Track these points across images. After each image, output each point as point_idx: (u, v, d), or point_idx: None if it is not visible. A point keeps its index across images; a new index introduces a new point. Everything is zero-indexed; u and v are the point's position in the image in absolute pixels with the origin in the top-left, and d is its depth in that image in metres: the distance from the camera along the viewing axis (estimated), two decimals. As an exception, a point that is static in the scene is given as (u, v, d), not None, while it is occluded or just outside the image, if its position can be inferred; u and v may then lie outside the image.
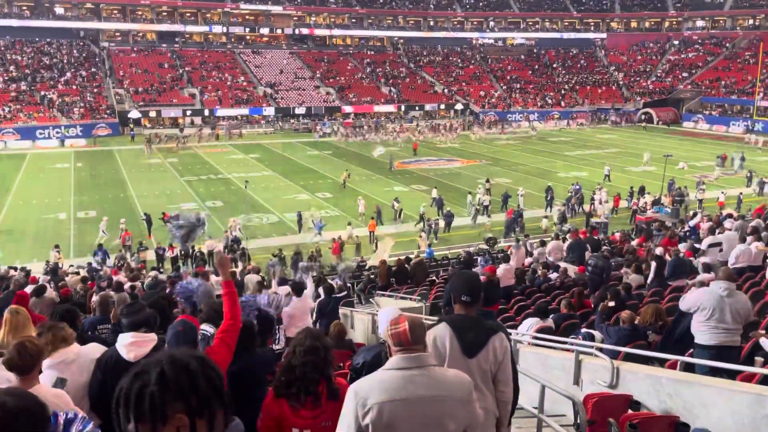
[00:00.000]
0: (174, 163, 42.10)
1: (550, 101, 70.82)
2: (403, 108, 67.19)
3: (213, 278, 14.84)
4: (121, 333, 3.94)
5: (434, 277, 16.36)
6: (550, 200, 29.87)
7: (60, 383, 3.72)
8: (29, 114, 51.85)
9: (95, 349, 4.10)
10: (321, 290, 10.72)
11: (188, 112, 59.37)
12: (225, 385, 1.67)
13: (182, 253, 22.71)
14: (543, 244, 17.91)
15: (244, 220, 27.38)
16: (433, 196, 29.79)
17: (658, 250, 12.84)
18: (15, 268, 18.23)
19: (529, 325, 7.85)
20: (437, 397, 2.49)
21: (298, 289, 9.25)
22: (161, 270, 20.11)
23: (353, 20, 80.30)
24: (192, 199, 31.90)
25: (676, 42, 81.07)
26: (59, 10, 67.68)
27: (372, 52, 78.84)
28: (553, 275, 13.48)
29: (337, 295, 11.60)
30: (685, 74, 73.13)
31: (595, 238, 16.34)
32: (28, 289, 10.02)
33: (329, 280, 13.65)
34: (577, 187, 30.85)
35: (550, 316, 8.35)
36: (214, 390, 1.61)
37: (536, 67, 79.80)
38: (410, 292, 14.25)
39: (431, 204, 28.88)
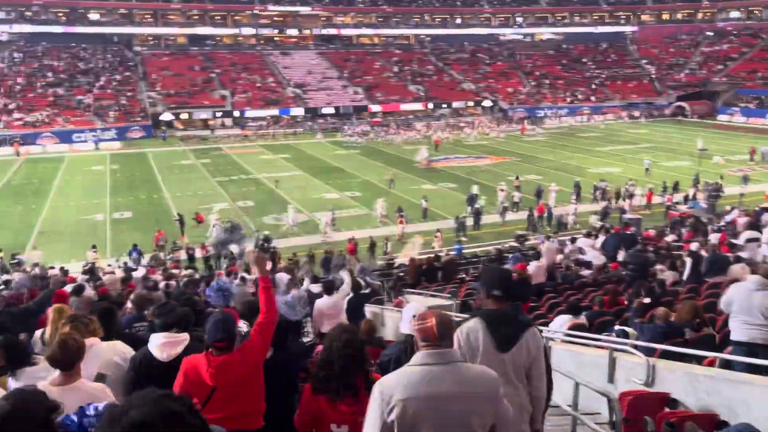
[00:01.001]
0: (206, 164, 42.73)
1: (580, 96, 69.84)
2: (431, 106, 66.99)
3: (245, 275, 15.04)
4: (153, 333, 4.03)
5: (464, 275, 16.30)
6: (578, 195, 29.60)
7: (100, 378, 3.83)
8: (66, 118, 53.19)
9: (115, 347, 4.20)
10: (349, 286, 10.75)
11: (218, 114, 60.18)
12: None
13: (214, 252, 23.05)
14: (574, 240, 17.69)
15: (274, 219, 27.67)
16: (474, 192, 29.80)
17: (693, 246, 12.58)
18: (53, 268, 18.73)
19: (561, 322, 7.78)
20: (462, 393, 2.49)
21: (329, 287, 9.31)
22: (195, 269, 20.40)
23: (380, 19, 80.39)
24: (223, 199, 32.33)
25: (710, 33, 79.17)
26: (94, 16, 69.27)
27: (399, 51, 78.81)
28: (585, 272, 13.32)
29: (364, 292, 11.64)
30: (719, 66, 71.37)
31: (629, 233, 16.07)
32: (67, 288, 10.29)
33: (356, 278, 13.70)
34: (603, 183, 30.58)
35: (583, 313, 8.25)
36: None
37: (565, 62, 78.75)
38: (440, 290, 14.21)
39: (469, 202, 28.47)
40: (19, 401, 2.20)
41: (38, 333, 5.39)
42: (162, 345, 3.81)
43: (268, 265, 4.21)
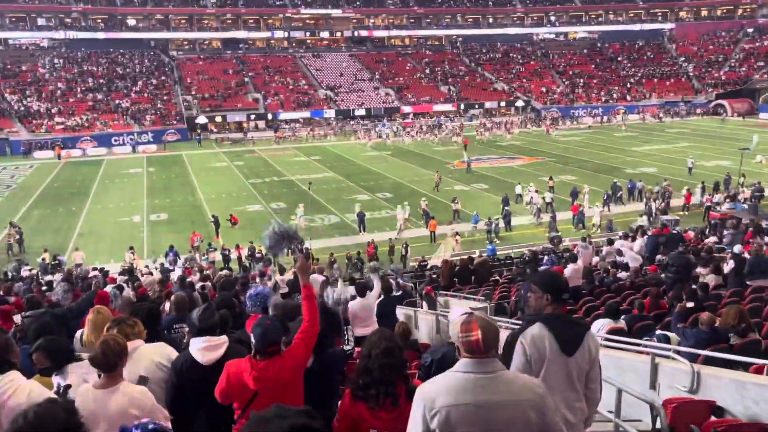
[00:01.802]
0: (239, 166, 43.27)
1: (615, 95, 68.65)
2: (462, 107, 66.69)
3: (278, 277, 15.17)
4: (192, 336, 4.07)
5: (498, 277, 16.14)
6: (612, 196, 29.16)
7: (142, 381, 3.88)
8: (105, 122, 54.48)
9: (159, 349, 4.25)
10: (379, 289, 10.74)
11: (252, 116, 60.94)
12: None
13: (248, 253, 23.34)
14: (611, 242, 17.37)
15: (307, 221, 27.86)
16: (518, 193, 29.45)
17: (737, 248, 12.21)
18: (96, 269, 19.18)
19: (599, 326, 7.62)
20: (506, 402, 2.44)
21: (362, 289, 9.30)
22: (231, 270, 20.65)
23: (411, 20, 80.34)
24: (257, 201, 32.68)
25: (750, 30, 76.98)
26: (131, 22, 70.83)
27: (430, 52, 78.64)
28: (623, 274, 13.05)
29: (395, 294, 11.61)
30: (760, 63, 69.34)
31: (671, 234, 15.69)
32: (108, 288, 10.50)
33: (389, 280, 13.69)
34: (633, 183, 30.08)
35: (622, 317, 8.08)
36: None
37: (600, 60, 77.51)
38: (473, 293, 14.10)
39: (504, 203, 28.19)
40: (44, 410, 2.25)
41: (78, 333, 5.50)
42: (203, 350, 3.84)
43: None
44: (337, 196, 33.05)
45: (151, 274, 18.37)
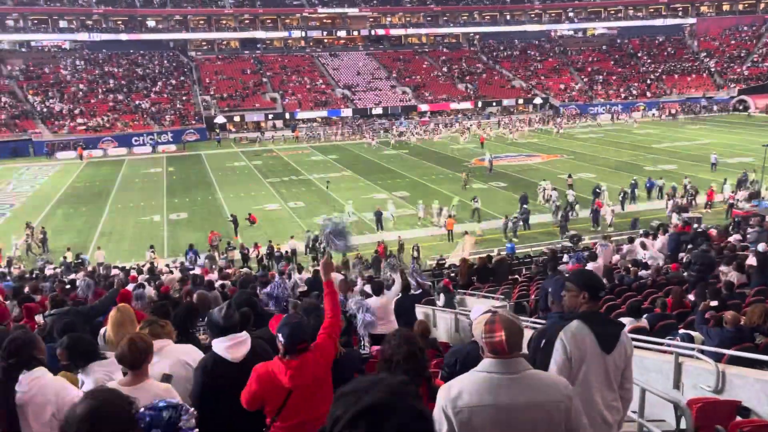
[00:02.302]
0: (258, 166, 43.53)
1: (635, 92, 67.88)
2: (480, 104, 66.40)
3: (297, 275, 15.23)
4: (214, 337, 4.09)
5: (517, 276, 16.05)
6: (630, 194, 28.90)
7: (166, 378, 3.92)
8: (125, 122, 55.14)
9: (185, 350, 4.28)
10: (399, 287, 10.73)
11: (270, 116, 61.26)
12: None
13: (267, 252, 23.46)
14: (631, 241, 17.18)
15: (324, 220, 27.89)
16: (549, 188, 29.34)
17: (761, 247, 12.01)
18: (117, 267, 19.42)
19: (621, 326, 7.54)
20: (530, 403, 2.42)
21: (378, 287, 9.31)
22: (250, 269, 20.78)
23: (428, 18, 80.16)
24: (275, 201, 32.85)
25: (774, 24, 75.71)
26: (151, 23, 71.55)
27: (447, 50, 78.41)
28: (644, 273, 12.90)
29: (414, 293, 11.59)
30: (785, 58, 68.17)
31: (693, 232, 15.50)
32: (130, 287, 10.64)
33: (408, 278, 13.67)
34: (652, 182, 29.74)
35: (644, 316, 7.99)
36: None
37: (619, 56, 76.65)
38: (492, 291, 14.03)
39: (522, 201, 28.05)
40: (104, 399, 2.27)
41: (102, 331, 5.57)
42: (229, 348, 3.85)
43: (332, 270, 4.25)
44: (355, 195, 33.08)
45: (171, 273, 18.57)
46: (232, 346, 3.85)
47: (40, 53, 66.44)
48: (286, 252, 23.35)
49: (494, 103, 66.89)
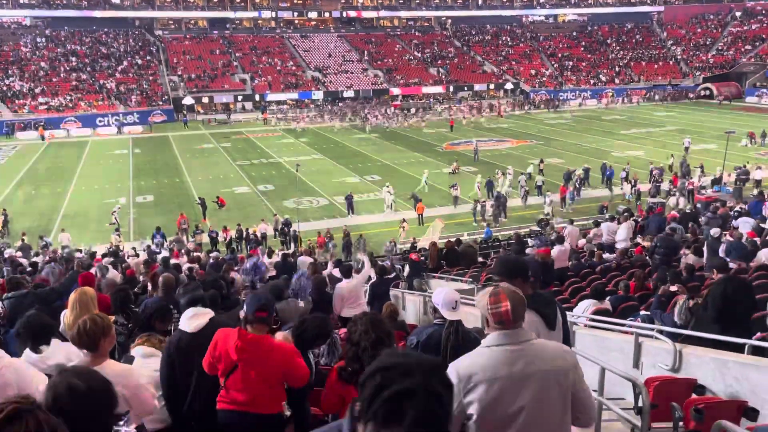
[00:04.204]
0: (227, 148, 42.96)
1: (603, 79, 68.69)
2: (451, 89, 66.46)
3: (266, 260, 15.13)
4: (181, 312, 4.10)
5: (485, 260, 16.21)
6: (585, 180, 29.37)
7: (129, 360, 3.89)
8: (89, 102, 53.75)
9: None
10: (372, 272, 10.78)
11: (239, 98, 60.37)
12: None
13: (236, 235, 23.25)
14: (597, 224, 17.50)
15: (295, 203, 27.79)
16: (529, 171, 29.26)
17: (714, 231, 12.31)
18: (80, 251, 19.04)
19: (585, 307, 7.70)
20: (540, 371, 2.47)
21: (347, 271, 9.33)
22: (219, 252, 20.59)
23: (401, 1, 79.61)
24: (244, 183, 32.52)
25: (738, 13, 77.10)
26: (115, 0, 69.55)
27: (419, 33, 78.10)
28: (608, 256, 13.16)
29: (388, 277, 11.63)
30: (748, 47, 69.59)
31: (688, 212, 15.89)
32: (93, 270, 10.43)
33: (380, 262, 13.71)
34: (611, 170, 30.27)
35: (607, 298, 8.16)
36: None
37: (589, 43, 77.38)
38: (461, 275, 14.17)
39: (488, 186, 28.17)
40: (80, 375, 2.31)
41: (63, 314, 5.47)
42: (189, 318, 3.88)
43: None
44: (326, 179, 32.94)
45: (137, 256, 18.30)
46: (192, 317, 3.87)
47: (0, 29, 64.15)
48: (255, 236, 23.17)
49: (465, 88, 67.00)
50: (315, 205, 28.67)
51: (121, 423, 2.90)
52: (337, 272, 11.56)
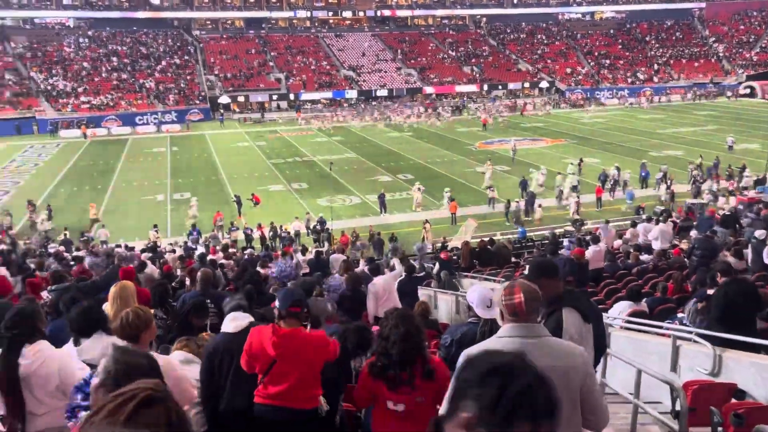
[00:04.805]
0: (261, 147, 43.45)
1: (642, 77, 67.33)
2: (485, 87, 66.01)
3: (300, 257, 15.30)
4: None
5: (518, 260, 16.09)
6: (645, 178, 28.85)
7: (165, 351, 4.00)
8: (129, 101, 55.01)
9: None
10: (402, 270, 10.81)
11: (274, 97, 61.03)
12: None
13: (270, 233, 23.54)
14: (634, 225, 17.20)
15: (328, 201, 27.99)
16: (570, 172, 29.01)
17: (758, 233, 11.98)
18: (120, 246, 19.52)
19: (621, 309, 7.59)
20: (550, 367, 2.43)
21: (375, 269, 9.38)
22: (253, 248, 20.87)
23: (435, 0, 79.36)
24: (279, 182, 32.87)
25: (785, 9, 74.77)
26: (155, 1, 70.98)
27: (454, 32, 77.73)
28: (645, 257, 12.93)
29: (417, 275, 11.64)
30: (794, 44, 67.40)
31: (728, 214, 15.54)
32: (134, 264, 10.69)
33: (410, 261, 13.73)
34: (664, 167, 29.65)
35: (644, 300, 8.03)
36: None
37: (627, 41, 75.90)
38: (493, 275, 14.09)
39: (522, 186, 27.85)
40: (146, 356, 2.45)
41: (103, 308, 5.63)
42: (230, 320, 3.96)
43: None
44: (359, 177, 33.06)
45: (174, 252, 18.68)
46: (233, 320, 3.95)
47: (44, 30, 66.08)
48: (288, 233, 23.42)
49: (500, 87, 66.46)
50: (347, 203, 28.81)
51: None
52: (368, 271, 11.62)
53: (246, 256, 16.02)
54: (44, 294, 7.26)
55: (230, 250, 18.56)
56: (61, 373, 3.65)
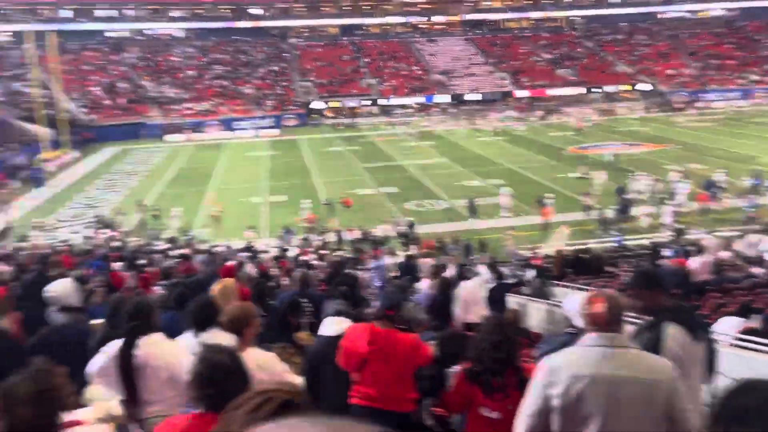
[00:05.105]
0: (353, 151, 44.28)
1: (754, 78, 62.79)
2: (581, 91, 63.88)
3: (389, 260, 15.46)
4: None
5: (615, 269, 15.44)
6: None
7: (267, 348, 4.17)
8: (230, 107, 57.79)
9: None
10: (491, 277, 10.70)
11: (366, 102, 62.07)
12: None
13: (360, 236, 23.93)
14: (743, 235, 16.09)
15: (417, 206, 28.10)
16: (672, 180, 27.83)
17: None
18: (218, 246, 20.49)
19: (730, 325, 7.12)
20: (630, 378, 2.39)
21: (463, 275, 9.33)
22: (343, 250, 21.31)
23: (529, 2, 77.87)
24: (369, 185, 33.35)
25: None
26: (255, 11, 74.23)
27: (548, 34, 75.88)
28: (756, 270, 12.06)
29: (507, 282, 11.46)
30: None
31: None
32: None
33: (500, 267, 13.54)
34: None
35: (756, 316, 7.49)
36: None
37: (737, 40, 71.03)
38: (587, 284, 13.61)
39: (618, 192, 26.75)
40: (230, 355, 2.58)
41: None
42: (332, 324, 4.08)
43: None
44: (448, 182, 32.94)
45: (268, 252, 19.40)
46: (335, 323, 4.07)
47: (155, 41, 70.68)
48: (377, 236, 23.70)
49: (596, 89, 64.10)
50: (436, 207, 28.78)
51: None
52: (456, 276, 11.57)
53: (337, 258, 16.37)
54: (155, 288, 7.76)
55: (321, 251, 19.05)
56: (171, 364, 3.87)
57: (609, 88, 64.09)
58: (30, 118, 44.87)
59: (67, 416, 2.22)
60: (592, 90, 63.90)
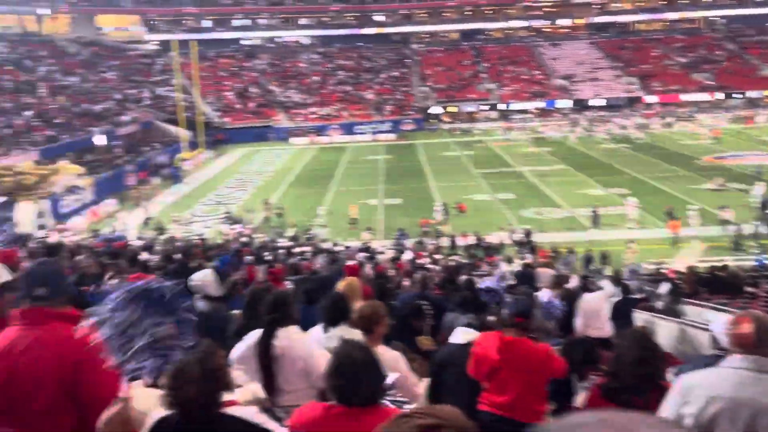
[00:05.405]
0: (469, 156, 44.01)
1: None
2: (719, 96, 59.25)
3: (505, 268, 15.23)
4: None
5: (755, 290, 14.19)
6: None
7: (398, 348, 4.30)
8: (351, 112, 59.54)
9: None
10: (614, 291, 10.23)
11: (484, 107, 61.46)
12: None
13: (474, 241, 23.76)
14: None
15: (535, 213, 27.44)
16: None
17: None
18: (338, 245, 21.20)
19: None
20: None
21: (585, 287, 9.01)
22: (457, 255, 21.28)
23: (663, 2, 73.45)
24: (484, 191, 33.01)
25: None
26: (378, 18, 76.01)
27: (683, 36, 71.14)
28: None
29: (633, 297, 10.89)
30: None
31: None
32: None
33: (625, 281, 12.91)
34: None
35: None
36: None
37: None
38: (723, 305, 12.62)
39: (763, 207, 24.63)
40: (365, 350, 2.73)
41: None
42: (461, 334, 4.14)
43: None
44: (568, 190, 31.86)
45: (383, 253, 19.79)
46: (464, 333, 4.12)
47: (283, 48, 74.37)
48: (490, 243, 23.44)
49: (737, 95, 59.15)
50: (555, 216, 27.92)
51: (388, 397, 3.22)
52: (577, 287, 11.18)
53: (452, 262, 16.39)
54: (286, 283, 8.21)
55: (435, 255, 19.14)
56: (306, 357, 4.08)
57: (752, 94, 58.97)
58: (172, 121, 48.87)
59: (225, 396, 2.43)
60: (733, 95, 59.12)
